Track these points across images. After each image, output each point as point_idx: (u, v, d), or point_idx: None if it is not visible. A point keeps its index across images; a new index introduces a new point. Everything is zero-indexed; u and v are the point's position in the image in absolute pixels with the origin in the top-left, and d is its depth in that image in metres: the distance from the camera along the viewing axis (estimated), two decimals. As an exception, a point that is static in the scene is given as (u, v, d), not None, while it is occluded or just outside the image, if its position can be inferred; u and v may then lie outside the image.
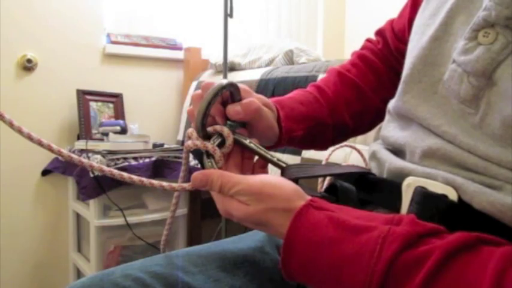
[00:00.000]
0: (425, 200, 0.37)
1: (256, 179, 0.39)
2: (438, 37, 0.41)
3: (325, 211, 0.35)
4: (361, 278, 0.30)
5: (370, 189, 0.45)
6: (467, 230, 0.31)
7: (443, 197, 0.36)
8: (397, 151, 0.46)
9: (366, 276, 0.30)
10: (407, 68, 0.45)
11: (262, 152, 0.45)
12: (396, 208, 0.40)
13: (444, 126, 0.39)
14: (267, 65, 1.73)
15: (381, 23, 0.70)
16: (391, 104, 0.49)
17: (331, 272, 0.33)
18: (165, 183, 0.44)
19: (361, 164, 0.82)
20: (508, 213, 0.33)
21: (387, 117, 0.51)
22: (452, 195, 0.36)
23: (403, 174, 0.41)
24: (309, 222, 0.35)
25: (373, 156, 0.49)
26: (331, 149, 0.81)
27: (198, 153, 0.45)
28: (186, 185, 0.44)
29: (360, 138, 1.19)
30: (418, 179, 0.39)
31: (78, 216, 1.66)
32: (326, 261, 0.33)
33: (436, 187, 0.37)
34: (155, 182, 0.43)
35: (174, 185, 0.44)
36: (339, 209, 0.36)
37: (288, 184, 0.39)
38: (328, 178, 0.63)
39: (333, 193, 0.48)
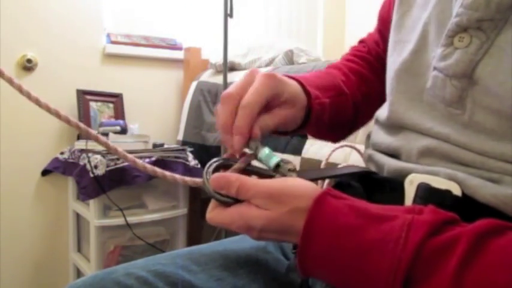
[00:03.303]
0: (430, 195, 0.38)
1: (275, 182, 0.37)
2: (417, 50, 0.44)
3: (343, 200, 0.35)
4: (386, 266, 0.29)
5: (373, 188, 0.45)
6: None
7: (448, 192, 0.37)
8: (393, 154, 0.46)
9: (392, 264, 0.29)
10: (392, 80, 0.47)
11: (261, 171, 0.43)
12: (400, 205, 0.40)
13: (436, 127, 0.40)
14: (267, 65, 1.73)
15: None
16: (379, 114, 0.50)
17: (352, 260, 0.32)
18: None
19: (362, 164, 0.82)
20: (511, 204, 0.33)
21: (375, 126, 0.52)
22: (456, 190, 0.37)
23: (403, 174, 0.41)
24: (328, 210, 0.34)
25: (370, 159, 0.49)
26: (331, 149, 0.82)
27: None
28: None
29: (360, 138, 1.19)
30: (420, 176, 0.39)
31: (78, 216, 1.66)
32: (347, 249, 0.32)
33: (439, 183, 0.38)
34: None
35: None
36: (356, 200, 0.35)
37: (308, 184, 0.38)
38: (327, 181, 0.63)
39: None
